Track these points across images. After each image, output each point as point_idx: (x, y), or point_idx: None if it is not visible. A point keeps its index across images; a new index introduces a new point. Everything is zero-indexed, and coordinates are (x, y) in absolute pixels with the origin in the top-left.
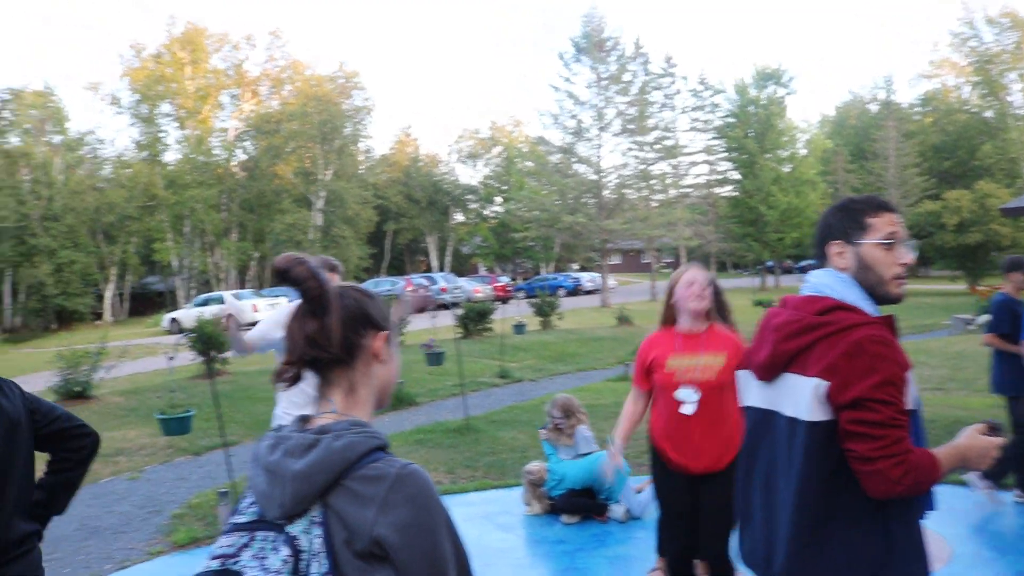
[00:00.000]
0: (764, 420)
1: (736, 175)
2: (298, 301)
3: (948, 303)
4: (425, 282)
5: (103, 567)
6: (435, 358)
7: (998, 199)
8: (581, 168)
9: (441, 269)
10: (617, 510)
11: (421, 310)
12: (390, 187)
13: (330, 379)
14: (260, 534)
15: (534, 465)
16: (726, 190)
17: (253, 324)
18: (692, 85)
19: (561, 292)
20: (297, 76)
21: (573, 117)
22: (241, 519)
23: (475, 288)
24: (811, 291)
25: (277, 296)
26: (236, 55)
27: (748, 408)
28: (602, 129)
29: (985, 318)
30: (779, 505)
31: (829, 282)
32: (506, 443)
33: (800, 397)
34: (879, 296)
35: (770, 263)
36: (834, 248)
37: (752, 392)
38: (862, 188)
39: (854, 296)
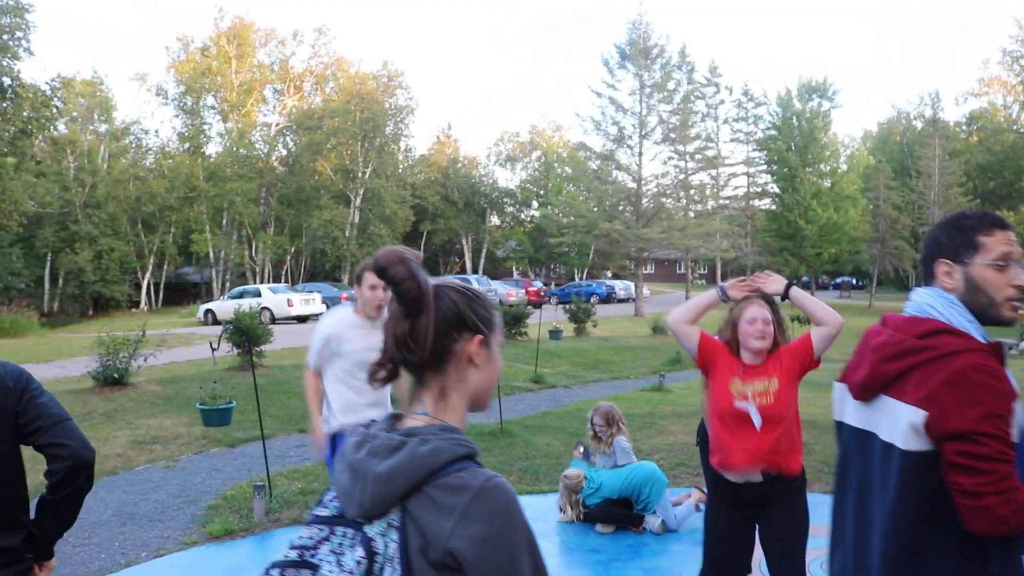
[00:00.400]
0: (859, 439)
1: (775, 188)
2: (393, 300)
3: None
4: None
5: (139, 554)
6: None
7: None
8: (620, 175)
9: (475, 271)
10: (653, 521)
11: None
12: (428, 187)
13: (422, 381)
14: (339, 530)
15: (573, 471)
16: (765, 203)
17: (291, 318)
18: (735, 96)
19: (594, 299)
20: (341, 73)
21: (615, 124)
22: (323, 512)
23: (508, 291)
24: (914, 311)
25: (311, 292)
26: (282, 51)
27: (843, 425)
28: (643, 137)
29: None
30: (872, 528)
31: (934, 302)
32: (540, 449)
33: (897, 423)
34: (990, 318)
35: (806, 278)
36: (942, 267)
37: (848, 409)
38: (904, 206)
39: (960, 319)
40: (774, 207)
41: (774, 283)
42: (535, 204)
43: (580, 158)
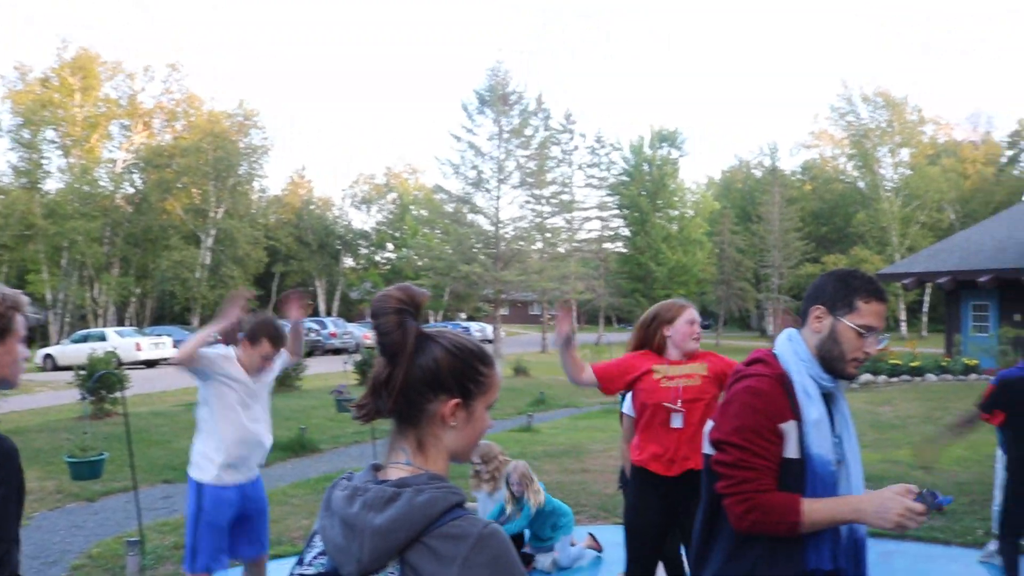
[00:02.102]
0: None
1: (627, 232)
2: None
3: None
4: (315, 326)
5: None
6: (343, 404)
7: (872, 264)
8: (478, 218)
9: (329, 313)
10: (544, 560)
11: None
12: (281, 228)
13: (401, 431)
14: None
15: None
16: (617, 246)
17: (140, 363)
18: (589, 142)
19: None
20: (193, 110)
21: (474, 167)
22: (308, 571)
23: (364, 334)
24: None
25: (160, 335)
26: (130, 85)
27: None
28: (502, 181)
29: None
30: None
31: (785, 338)
32: None
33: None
34: (836, 370)
35: None
36: (816, 312)
37: None
38: (747, 249)
39: (791, 355)
40: (626, 250)
41: None
42: (390, 246)
43: (437, 201)
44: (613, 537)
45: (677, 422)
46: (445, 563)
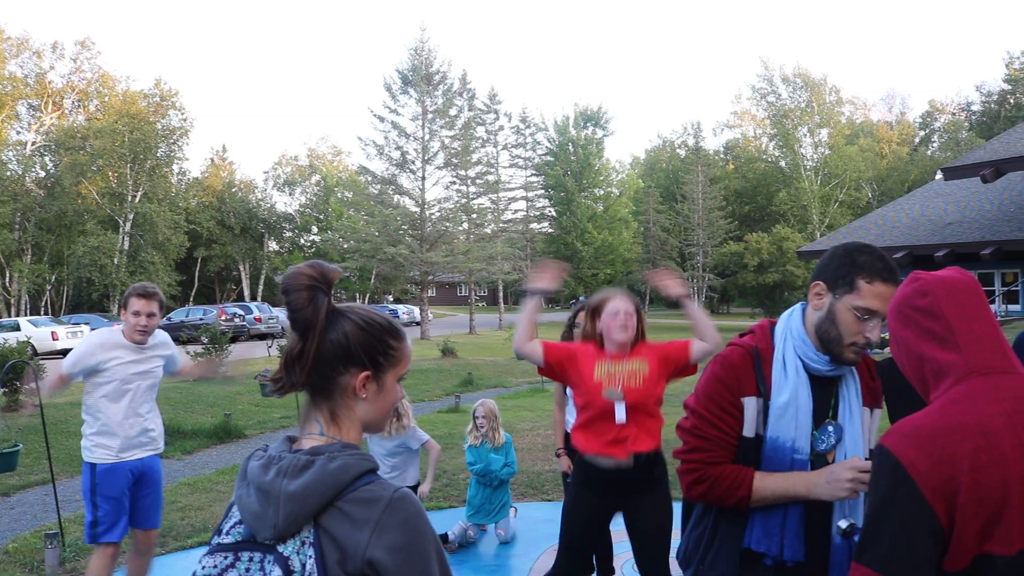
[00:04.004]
0: None
1: (553, 212)
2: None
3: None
4: (239, 311)
5: None
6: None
7: (793, 243)
8: (403, 200)
9: (253, 298)
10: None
11: (204, 377)
12: (202, 212)
13: (314, 402)
14: (245, 555)
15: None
16: (543, 226)
17: (57, 352)
18: (514, 122)
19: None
20: (107, 90)
21: (398, 148)
22: (225, 540)
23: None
24: None
25: (78, 323)
26: (38, 63)
27: None
28: (426, 162)
29: None
30: None
31: (789, 312)
32: None
33: None
34: (832, 352)
35: (584, 298)
36: (817, 288)
37: None
38: (672, 228)
39: (782, 328)
40: (552, 230)
41: (675, 287)
42: (315, 229)
43: (362, 182)
44: (541, 514)
45: (621, 416)
46: (358, 526)
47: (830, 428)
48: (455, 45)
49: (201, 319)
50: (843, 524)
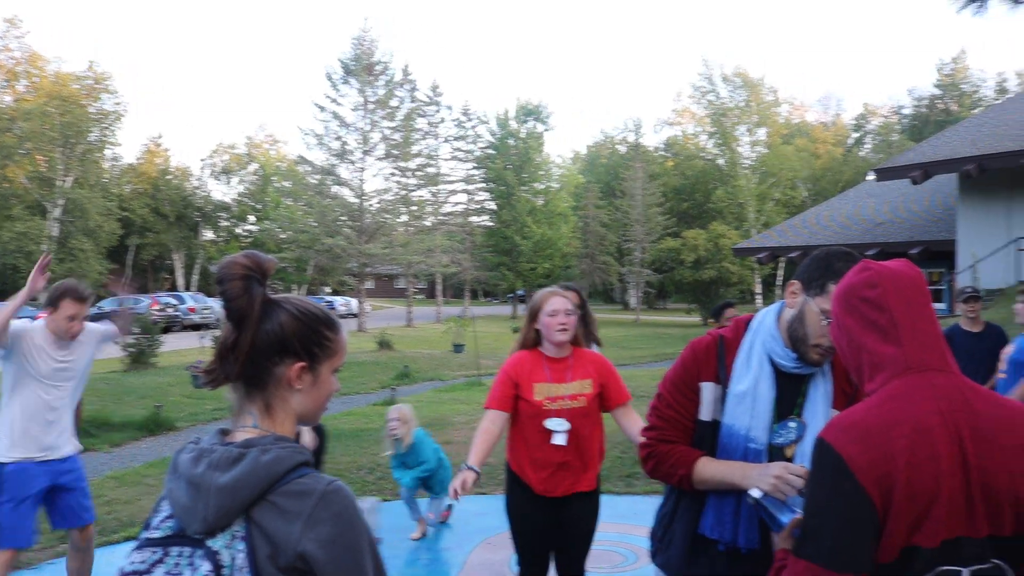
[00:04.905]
0: None
1: (493, 205)
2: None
3: (686, 334)
4: (173, 301)
5: None
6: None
7: (729, 239)
8: (342, 190)
9: (188, 288)
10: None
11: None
12: (136, 199)
13: (248, 394)
14: (175, 549)
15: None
16: (483, 219)
17: None
18: (456, 115)
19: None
20: (37, 71)
21: (338, 139)
22: (155, 534)
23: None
24: None
25: None
26: None
27: None
28: (366, 153)
29: None
30: None
31: (764, 309)
32: None
33: None
34: (799, 351)
35: (522, 292)
36: (793, 286)
37: None
38: (610, 224)
39: (757, 321)
40: (492, 223)
41: None
42: (252, 218)
43: (300, 172)
44: (476, 507)
45: (560, 439)
46: (290, 519)
47: (791, 424)
48: (398, 37)
49: (132, 308)
50: (755, 493)
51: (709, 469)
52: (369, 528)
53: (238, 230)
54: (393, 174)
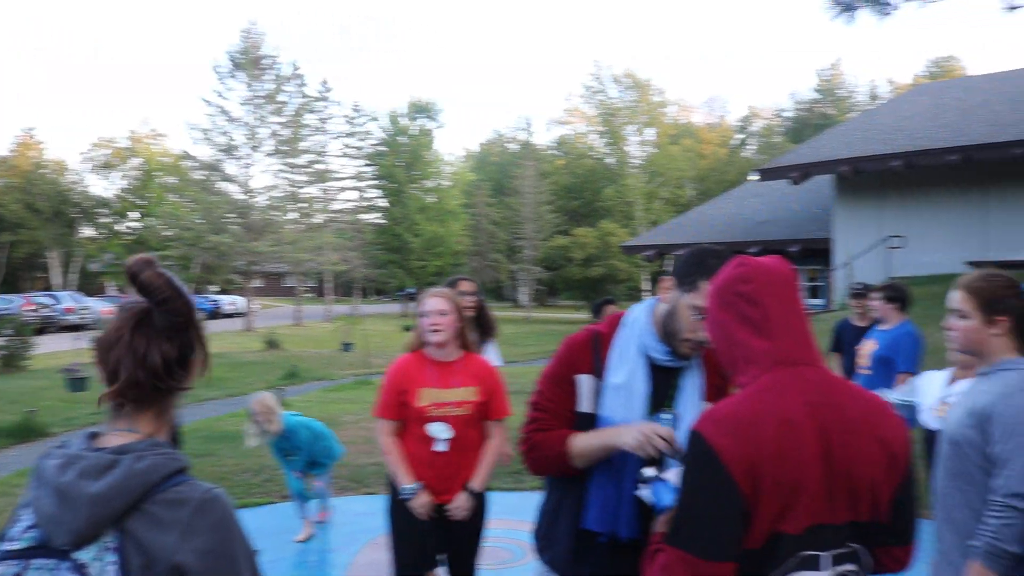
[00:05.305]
0: None
1: (383, 203)
2: (125, 312)
3: (575, 331)
4: (48, 301)
5: None
6: (78, 383)
7: (618, 237)
8: (229, 187)
9: (65, 287)
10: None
11: None
12: (8, 194)
13: (148, 399)
14: (37, 562)
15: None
16: (373, 217)
17: None
18: (346, 111)
19: (201, 315)
20: None
21: (224, 134)
22: (14, 546)
23: (105, 309)
24: None
25: None
26: None
27: None
28: (254, 149)
29: None
30: None
31: (639, 304)
32: None
33: None
34: (671, 344)
35: (412, 290)
36: (667, 282)
37: None
38: (501, 222)
39: (631, 316)
40: (382, 221)
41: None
42: (135, 215)
43: (185, 168)
44: (362, 507)
45: (441, 446)
46: (166, 529)
47: (665, 416)
48: (287, 31)
49: (5, 309)
50: (648, 472)
51: (584, 440)
52: (247, 537)
53: (119, 227)
54: (282, 170)
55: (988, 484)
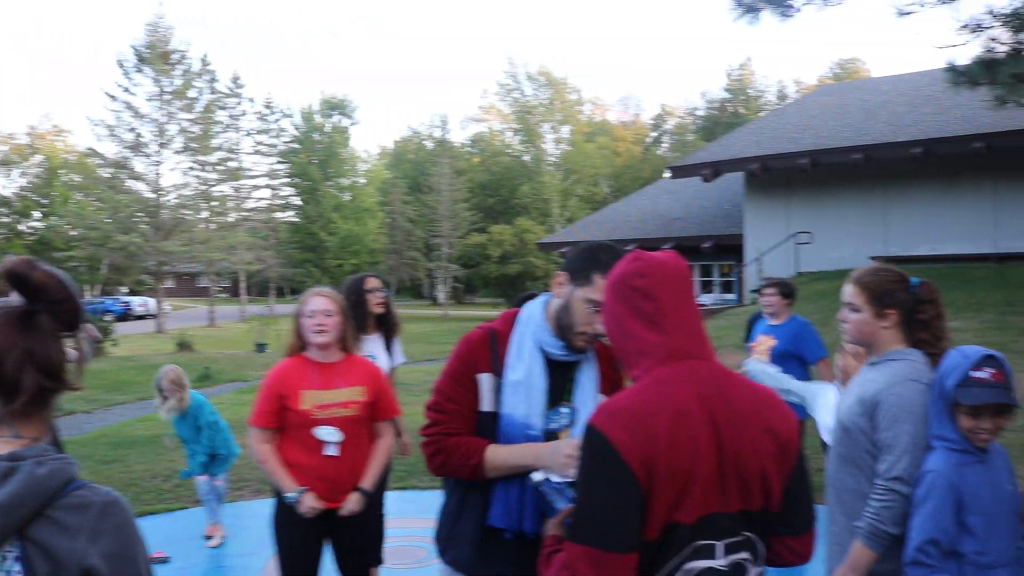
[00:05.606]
0: None
1: (298, 201)
2: (5, 316)
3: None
4: None
5: None
6: None
7: (534, 234)
8: (137, 185)
9: None
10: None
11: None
12: None
13: (43, 400)
14: None
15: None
16: (287, 215)
17: None
18: (258, 107)
19: (110, 317)
20: None
21: (131, 130)
22: None
23: None
24: None
25: None
26: None
27: None
28: (163, 146)
29: None
30: None
31: (534, 301)
32: None
33: None
34: (566, 338)
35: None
36: (560, 278)
37: None
38: (418, 219)
39: (525, 313)
40: (297, 219)
41: None
42: (37, 214)
43: (91, 165)
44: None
45: (331, 450)
46: (72, 534)
47: (563, 410)
48: (196, 25)
49: None
50: (536, 476)
51: (501, 455)
52: (144, 539)
53: (21, 227)
54: (192, 168)
55: (875, 469)
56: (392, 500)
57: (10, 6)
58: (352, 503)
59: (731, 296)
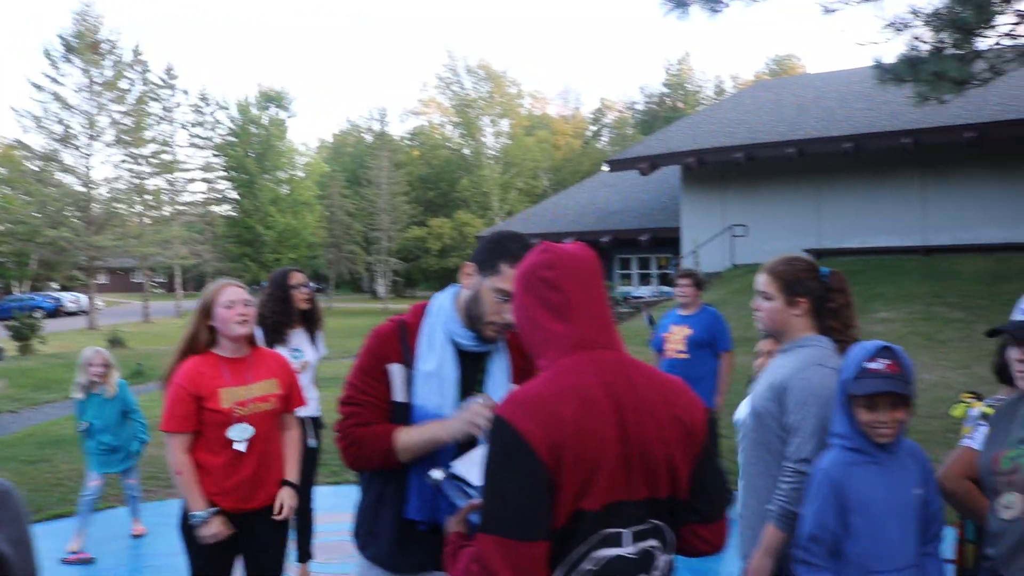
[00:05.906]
0: None
1: (234, 194)
2: None
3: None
4: None
5: None
6: None
7: (474, 228)
8: (67, 178)
9: None
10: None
11: None
12: None
13: None
14: None
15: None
16: (224, 209)
17: None
18: (193, 100)
19: (40, 314)
20: None
21: (60, 122)
22: None
23: None
24: None
25: None
26: None
27: None
28: (93, 138)
29: None
30: None
31: (442, 292)
32: None
33: None
34: (476, 329)
35: (266, 283)
36: (468, 268)
37: None
38: (356, 213)
39: (435, 305)
40: (234, 213)
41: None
42: None
43: (17, 158)
44: None
45: (241, 447)
46: None
47: (476, 399)
48: (127, 14)
49: None
50: (436, 474)
51: (413, 435)
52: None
53: None
54: (124, 161)
55: (784, 452)
56: (323, 495)
57: None
58: (286, 498)
59: (668, 288)
